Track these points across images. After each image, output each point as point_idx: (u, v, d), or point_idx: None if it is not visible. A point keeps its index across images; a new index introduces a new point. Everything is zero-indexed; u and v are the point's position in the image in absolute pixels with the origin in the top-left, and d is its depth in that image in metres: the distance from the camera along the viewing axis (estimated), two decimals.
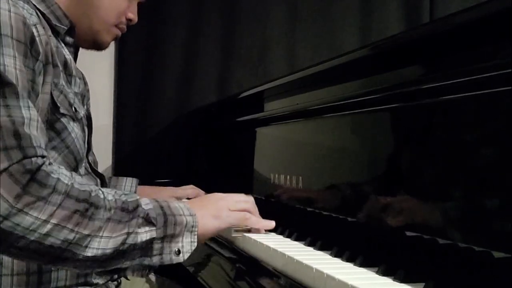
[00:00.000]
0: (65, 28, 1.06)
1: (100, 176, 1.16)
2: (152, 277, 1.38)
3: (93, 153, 1.17)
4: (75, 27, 1.08)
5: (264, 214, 1.26)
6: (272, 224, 1.07)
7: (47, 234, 0.76)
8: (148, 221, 0.85)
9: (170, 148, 2.25)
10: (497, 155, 0.67)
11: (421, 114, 0.83)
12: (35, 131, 0.82)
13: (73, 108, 1.02)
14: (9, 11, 0.86)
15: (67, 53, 1.06)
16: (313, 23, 2.33)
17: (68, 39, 1.08)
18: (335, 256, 0.87)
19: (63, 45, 1.06)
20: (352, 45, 2.27)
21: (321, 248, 0.93)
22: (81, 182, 0.83)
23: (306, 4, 2.34)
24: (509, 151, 0.64)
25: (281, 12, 2.33)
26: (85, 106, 1.13)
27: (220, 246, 1.18)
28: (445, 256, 0.73)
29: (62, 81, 1.00)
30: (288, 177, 1.23)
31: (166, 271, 1.46)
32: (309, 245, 0.97)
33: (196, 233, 0.90)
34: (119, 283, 1.17)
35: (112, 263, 0.84)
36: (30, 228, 0.75)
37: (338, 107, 1.06)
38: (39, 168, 0.78)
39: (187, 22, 2.30)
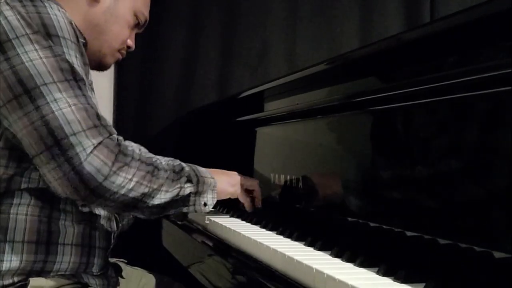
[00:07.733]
0: (83, 41, 1.14)
1: None
2: (149, 274, 1.39)
3: None
4: (87, 45, 1.18)
5: (264, 214, 1.25)
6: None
7: (131, 189, 1.00)
8: (189, 179, 1.10)
9: (170, 148, 2.25)
10: (498, 155, 0.67)
11: (422, 114, 0.83)
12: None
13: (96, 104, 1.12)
14: (63, 17, 1.02)
15: None
16: (313, 23, 2.33)
17: None
18: (336, 256, 0.87)
19: None
20: (352, 45, 2.27)
21: (321, 248, 0.93)
22: (145, 151, 1.07)
23: (306, 4, 2.34)
24: (510, 151, 0.64)
25: (281, 12, 2.33)
26: None
27: (218, 245, 1.18)
28: (445, 256, 0.73)
29: (90, 79, 1.13)
30: (288, 177, 1.23)
31: (165, 269, 1.47)
32: (309, 245, 0.97)
33: (216, 192, 1.16)
34: (117, 281, 1.19)
35: (165, 210, 1.08)
36: (121, 185, 0.98)
37: (338, 107, 1.07)
38: (121, 142, 1.01)
39: (187, 22, 2.30)
